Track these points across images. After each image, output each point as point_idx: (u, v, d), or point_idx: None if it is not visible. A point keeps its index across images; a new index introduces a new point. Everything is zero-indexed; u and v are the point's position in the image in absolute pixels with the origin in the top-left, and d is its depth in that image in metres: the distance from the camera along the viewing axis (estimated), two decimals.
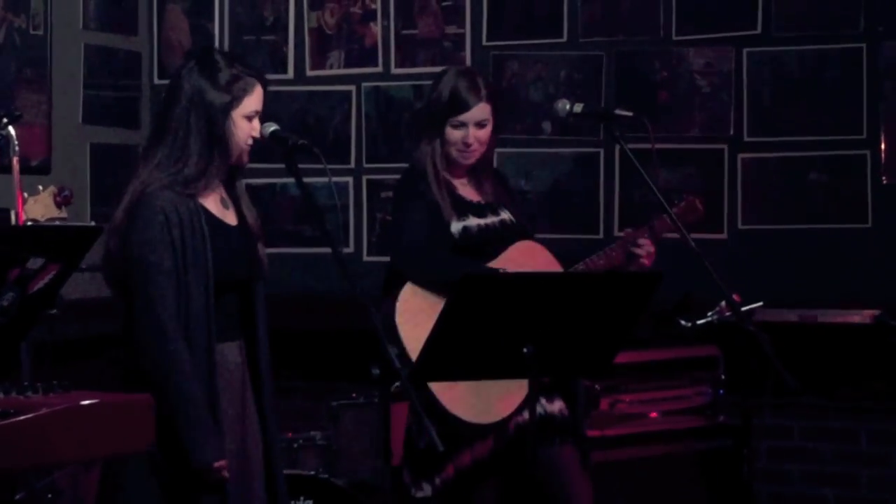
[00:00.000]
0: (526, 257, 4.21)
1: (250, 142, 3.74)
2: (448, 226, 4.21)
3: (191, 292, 3.60)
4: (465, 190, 4.33)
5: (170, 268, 3.59)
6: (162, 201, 3.61)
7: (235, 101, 3.69)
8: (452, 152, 4.26)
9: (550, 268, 4.22)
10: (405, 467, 4.22)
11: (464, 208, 4.26)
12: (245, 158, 3.77)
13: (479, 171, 4.36)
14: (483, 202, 4.32)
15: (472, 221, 4.25)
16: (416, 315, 4.00)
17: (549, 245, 4.33)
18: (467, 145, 4.23)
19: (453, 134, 4.24)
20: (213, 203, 3.74)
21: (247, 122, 3.72)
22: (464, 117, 4.23)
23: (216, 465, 3.57)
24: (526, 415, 4.14)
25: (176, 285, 3.59)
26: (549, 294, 3.46)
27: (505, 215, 4.33)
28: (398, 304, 4.11)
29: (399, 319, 4.09)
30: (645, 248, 4.26)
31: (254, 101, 3.73)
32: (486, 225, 4.27)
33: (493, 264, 4.18)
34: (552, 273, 4.09)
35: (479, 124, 4.24)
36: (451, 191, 4.28)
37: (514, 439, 4.17)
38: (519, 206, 4.47)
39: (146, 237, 3.59)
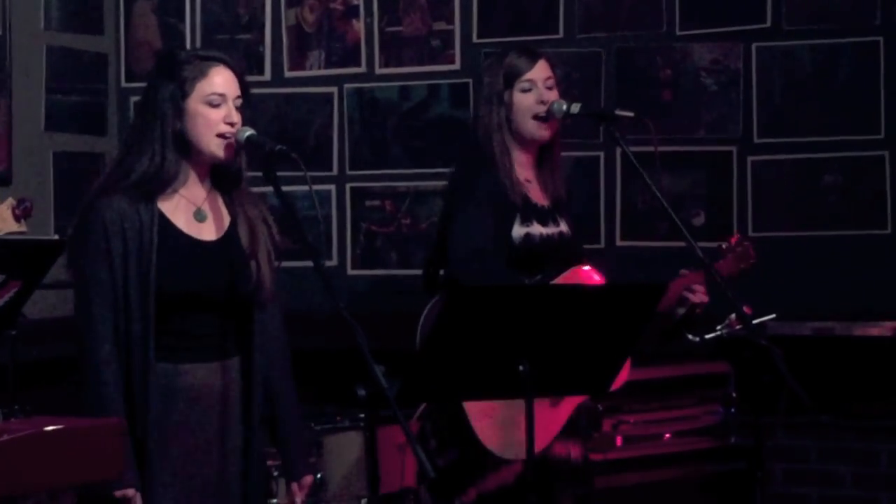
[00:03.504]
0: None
1: (222, 129, 3.65)
2: (510, 224, 4.18)
3: (130, 307, 3.61)
4: (533, 190, 4.30)
5: (104, 280, 3.60)
6: (106, 209, 3.61)
7: (188, 87, 3.64)
8: (527, 124, 4.24)
9: None
10: (422, 487, 4.23)
11: (530, 212, 4.24)
12: (223, 154, 3.68)
13: (547, 165, 4.32)
14: (548, 206, 4.30)
15: (536, 229, 4.23)
16: None
17: None
18: (545, 103, 4.22)
19: (525, 99, 4.24)
20: (180, 213, 3.71)
21: (209, 108, 3.65)
22: (531, 74, 4.24)
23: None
24: (556, 448, 4.18)
25: (113, 300, 3.61)
26: (546, 308, 3.46)
27: (563, 226, 4.31)
28: None
29: None
30: (698, 295, 4.22)
31: (212, 83, 3.66)
32: (548, 235, 4.26)
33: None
34: (549, 285, 4.09)
35: (547, 85, 4.25)
36: (521, 189, 4.25)
37: (540, 470, 4.17)
38: (571, 211, 4.44)
39: (83, 248, 3.62)
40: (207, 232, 3.75)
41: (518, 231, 4.20)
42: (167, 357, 3.66)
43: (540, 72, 4.26)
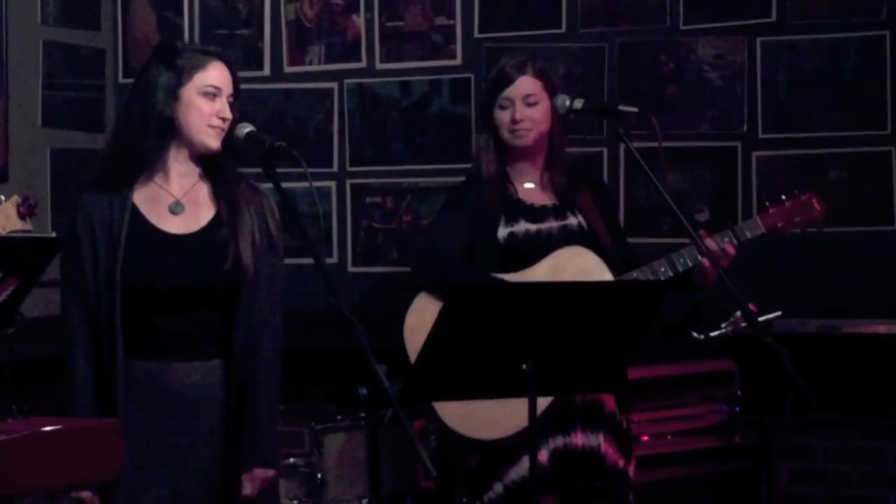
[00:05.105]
0: (564, 265, 4.18)
1: (215, 123, 3.69)
2: (495, 226, 4.24)
3: (100, 305, 3.66)
4: (530, 192, 4.33)
5: (75, 281, 3.69)
6: (78, 210, 3.71)
7: (185, 76, 3.67)
8: (505, 135, 4.28)
9: (585, 276, 4.16)
10: (461, 486, 4.26)
11: (515, 211, 4.27)
12: (212, 144, 3.71)
13: (551, 169, 4.35)
14: (552, 205, 4.32)
15: (522, 226, 4.26)
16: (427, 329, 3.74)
17: None
18: (515, 122, 4.25)
19: (502, 116, 4.28)
20: (157, 205, 3.72)
21: (204, 100, 3.68)
22: (509, 92, 4.26)
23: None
24: (562, 440, 4.20)
25: (86, 300, 3.67)
26: (549, 305, 3.45)
27: (573, 220, 4.31)
28: (408, 318, 4.12)
29: (408, 336, 4.10)
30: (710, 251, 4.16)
31: (209, 76, 3.69)
32: (539, 230, 4.27)
33: (522, 273, 4.18)
34: (551, 283, 4.08)
35: (528, 101, 4.26)
36: (507, 192, 4.29)
37: (558, 462, 4.19)
38: (611, 216, 4.46)
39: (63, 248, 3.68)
40: (183, 225, 3.75)
41: (502, 231, 4.26)
42: (143, 355, 3.66)
43: (519, 90, 4.28)
